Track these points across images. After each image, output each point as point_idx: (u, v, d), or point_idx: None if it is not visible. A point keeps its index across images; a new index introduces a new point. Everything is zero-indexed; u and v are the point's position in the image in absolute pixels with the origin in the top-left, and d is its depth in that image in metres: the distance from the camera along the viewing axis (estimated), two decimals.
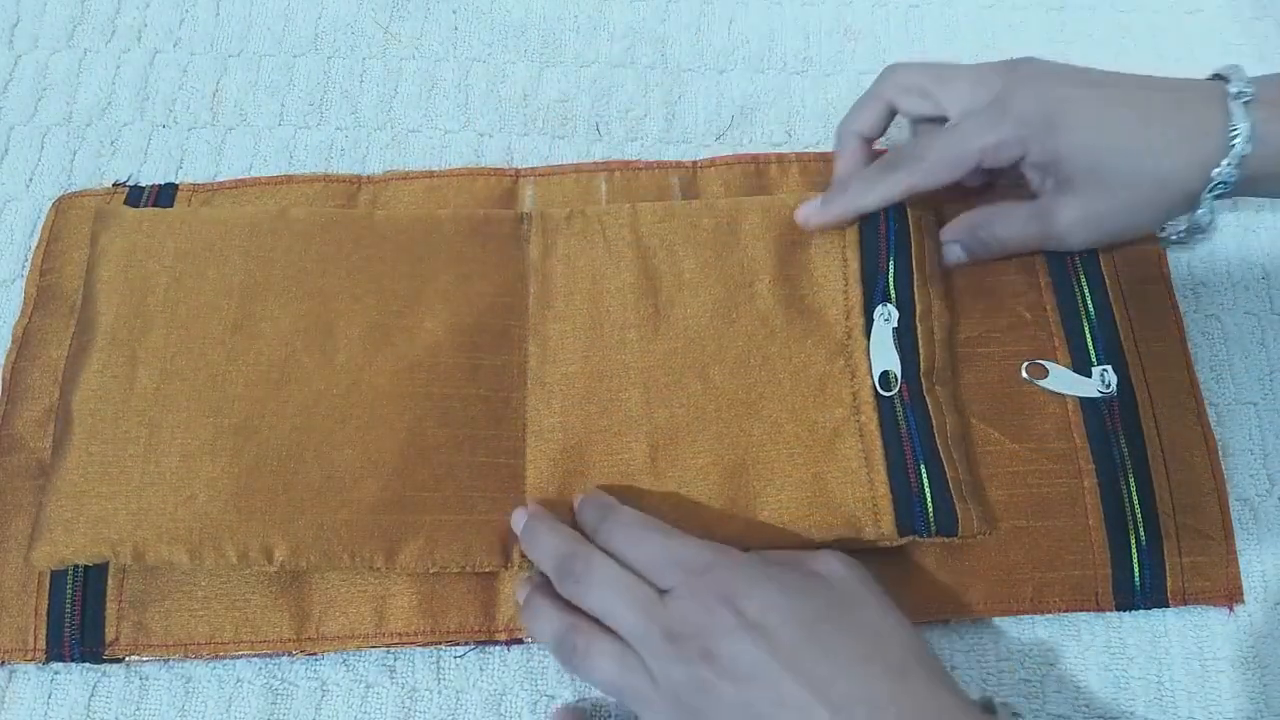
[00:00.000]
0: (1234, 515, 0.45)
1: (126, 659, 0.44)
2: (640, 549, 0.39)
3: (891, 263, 0.46)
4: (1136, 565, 0.44)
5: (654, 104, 0.56)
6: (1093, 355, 0.47)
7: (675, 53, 0.58)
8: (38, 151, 0.55)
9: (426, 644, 0.44)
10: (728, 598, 0.36)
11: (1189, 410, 0.47)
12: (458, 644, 0.44)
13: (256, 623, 0.44)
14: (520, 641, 0.44)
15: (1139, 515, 0.45)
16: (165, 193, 0.53)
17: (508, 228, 0.49)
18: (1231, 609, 0.45)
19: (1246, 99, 0.42)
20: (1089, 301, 0.48)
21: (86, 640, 0.44)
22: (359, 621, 0.44)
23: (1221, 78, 0.44)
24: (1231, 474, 0.46)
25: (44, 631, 0.44)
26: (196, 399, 0.44)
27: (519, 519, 0.43)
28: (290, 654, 0.44)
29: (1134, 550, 0.44)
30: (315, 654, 0.44)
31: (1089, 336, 0.48)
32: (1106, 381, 0.46)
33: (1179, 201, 0.44)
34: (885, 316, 0.45)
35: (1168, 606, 0.44)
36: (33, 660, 0.44)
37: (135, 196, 0.52)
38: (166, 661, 0.44)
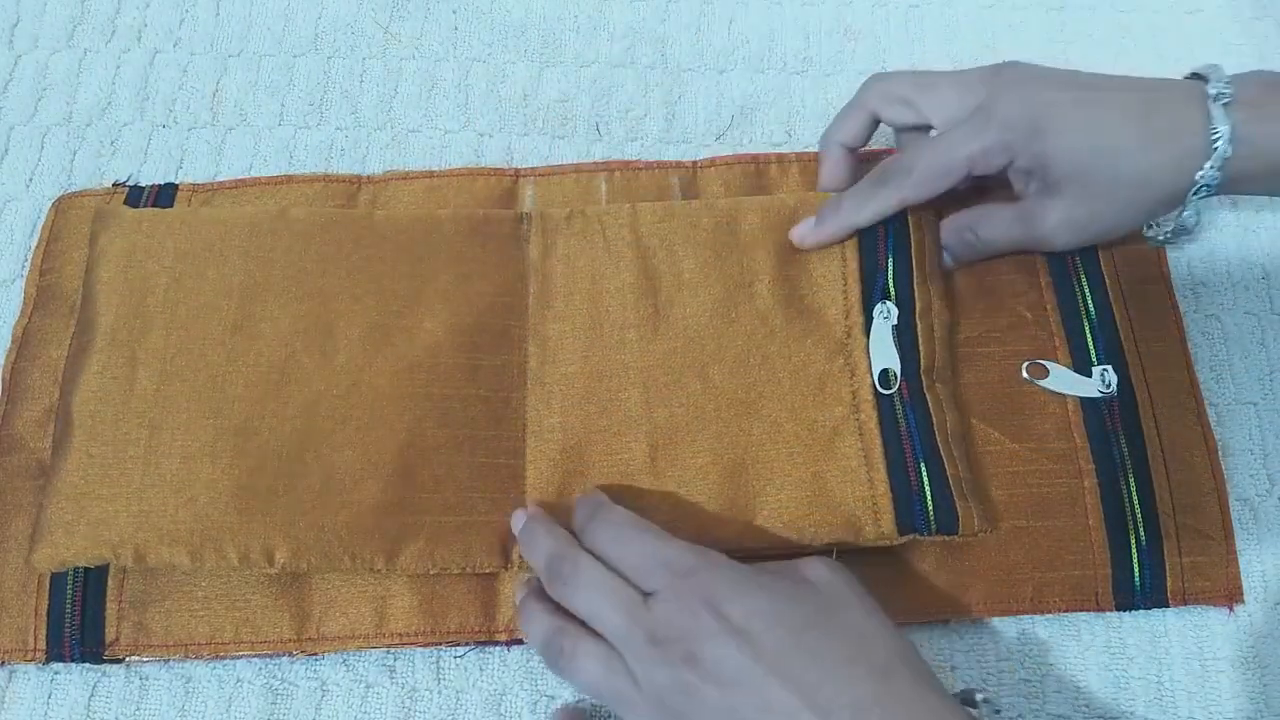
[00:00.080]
0: (1234, 515, 0.45)
1: (126, 659, 0.44)
2: (626, 550, 0.39)
3: (890, 260, 0.46)
4: (1136, 565, 0.44)
5: (654, 104, 0.56)
6: (1093, 355, 0.47)
7: (675, 53, 0.58)
8: (38, 151, 0.55)
9: (427, 644, 0.44)
10: (712, 602, 0.36)
11: (1189, 410, 0.47)
12: (458, 644, 0.44)
13: (257, 623, 0.44)
14: (520, 642, 0.44)
15: (1139, 515, 0.45)
16: (165, 193, 0.53)
17: (508, 228, 0.49)
18: (1231, 609, 0.45)
19: (1226, 100, 0.42)
20: (1089, 301, 0.48)
21: (86, 640, 0.44)
22: (359, 622, 0.44)
23: (1200, 77, 0.44)
24: (1231, 474, 0.46)
25: (44, 632, 0.44)
26: (196, 400, 0.44)
27: (518, 520, 0.43)
28: (290, 654, 0.44)
29: (1134, 550, 0.44)
30: (315, 654, 0.44)
31: (1089, 336, 0.48)
32: (1107, 381, 0.46)
33: (1162, 202, 0.44)
34: (884, 314, 0.45)
35: (1168, 606, 0.44)
36: (33, 660, 0.44)
37: (135, 196, 0.52)
38: (166, 661, 0.44)
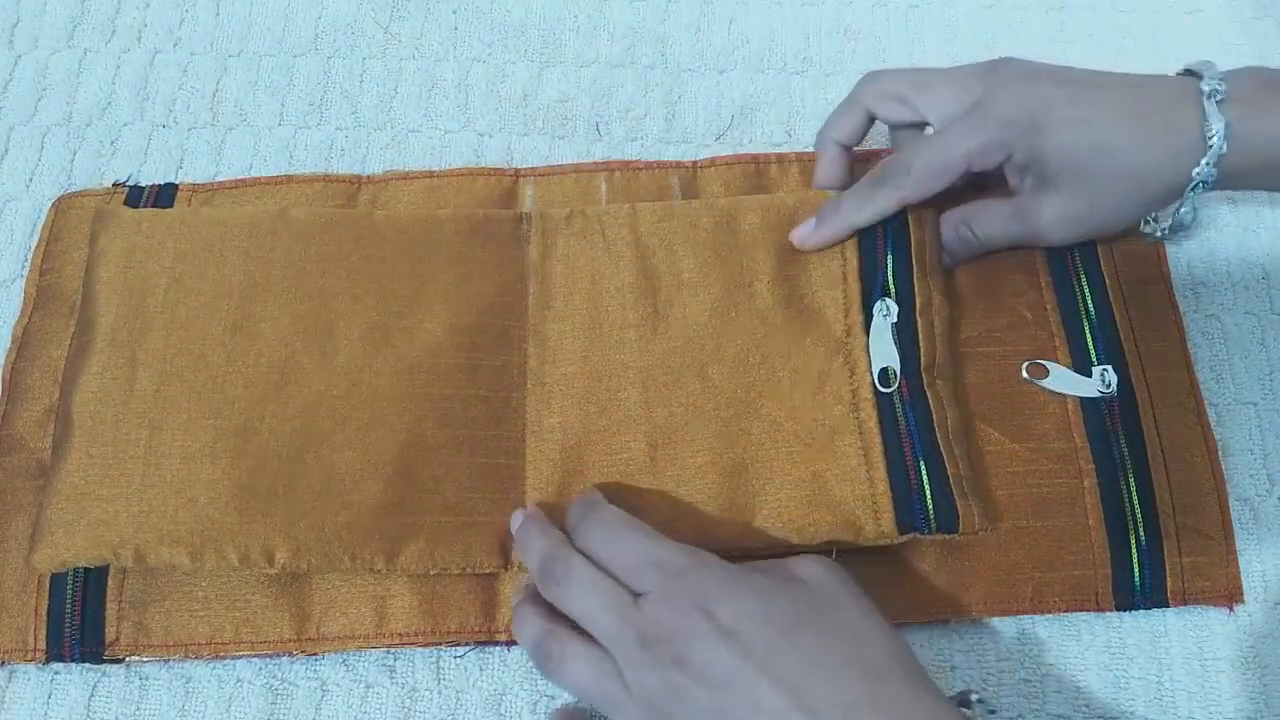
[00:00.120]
0: (1234, 515, 0.45)
1: (127, 659, 0.44)
2: (617, 550, 0.39)
3: (890, 258, 0.46)
4: (1136, 565, 0.44)
5: (654, 104, 0.56)
6: (1093, 355, 0.47)
7: (675, 53, 0.58)
8: (38, 151, 0.55)
9: (427, 644, 0.44)
10: (702, 602, 0.36)
11: (1189, 410, 0.47)
12: (458, 644, 0.44)
13: (257, 623, 0.44)
14: None
15: (1139, 515, 0.45)
16: (165, 193, 0.53)
17: (507, 228, 0.49)
18: (1231, 609, 0.45)
19: (1220, 97, 0.42)
20: (1089, 301, 0.48)
21: (87, 640, 0.44)
22: (359, 622, 0.44)
23: (1193, 73, 0.44)
24: (1231, 474, 0.46)
25: (44, 632, 0.44)
26: (196, 401, 0.44)
27: (517, 520, 0.43)
28: (290, 654, 0.44)
29: (1134, 550, 0.44)
30: (315, 654, 0.44)
31: (1089, 336, 0.48)
32: (1107, 381, 0.46)
33: (1159, 198, 0.45)
34: (884, 312, 0.45)
35: (1168, 606, 0.44)
36: (33, 660, 0.44)
37: (135, 196, 0.52)
38: (166, 661, 0.44)
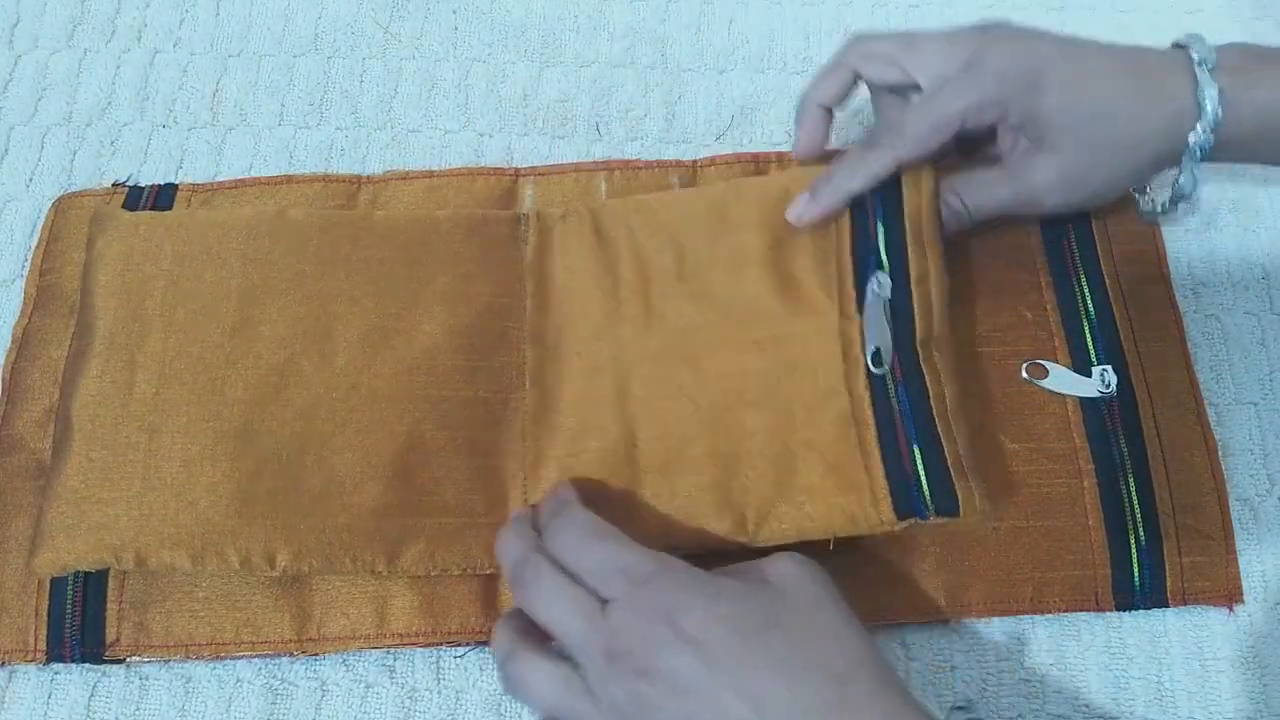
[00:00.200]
0: (1234, 515, 0.45)
1: (127, 660, 0.44)
2: (584, 556, 0.38)
3: (881, 227, 0.44)
4: (1136, 565, 0.44)
5: (654, 104, 0.56)
6: (1093, 355, 0.47)
7: (675, 53, 0.58)
8: (38, 151, 0.55)
9: (427, 645, 0.44)
10: (667, 611, 0.35)
11: (1189, 410, 0.47)
12: (458, 644, 0.44)
13: (257, 624, 0.44)
14: None
15: (1139, 515, 0.45)
16: (165, 193, 0.53)
17: (505, 228, 0.49)
18: (1231, 609, 0.45)
19: (1210, 65, 0.42)
20: (1089, 301, 0.48)
21: (87, 641, 0.44)
22: (360, 622, 0.44)
23: (1181, 46, 0.44)
24: (1231, 474, 0.46)
25: (44, 632, 0.44)
26: (196, 403, 0.44)
27: None
28: (291, 655, 0.44)
29: (1134, 550, 0.44)
30: (316, 655, 0.44)
31: (1089, 336, 0.48)
32: (1106, 381, 0.46)
33: (1154, 163, 0.44)
34: (876, 288, 0.44)
35: (1168, 606, 0.44)
36: (33, 661, 0.44)
37: (135, 196, 0.52)
38: (166, 662, 0.44)
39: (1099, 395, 0.46)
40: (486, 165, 0.54)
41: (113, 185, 0.53)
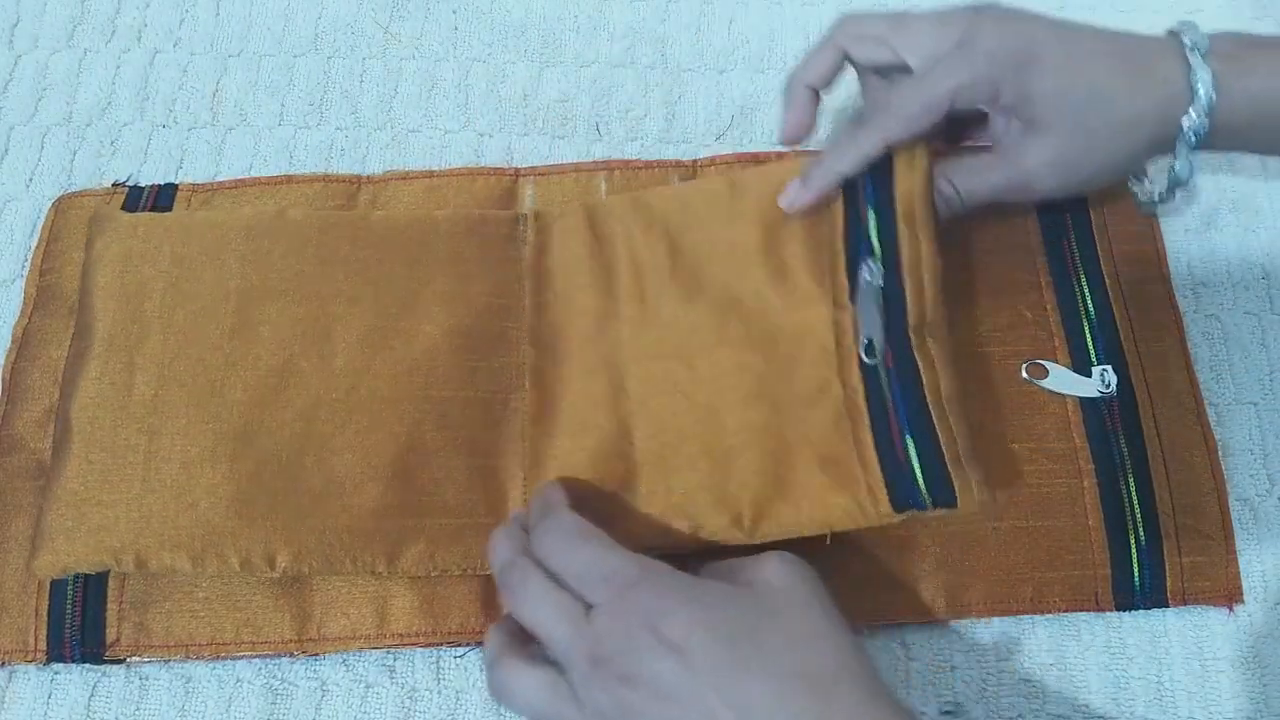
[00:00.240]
0: (1234, 515, 0.45)
1: (127, 660, 0.44)
2: (569, 560, 0.38)
3: (872, 213, 0.43)
4: (1136, 565, 0.44)
5: (654, 104, 0.56)
6: (1093, 355, 0.47)
7: (675, 53, 0.58)
8: (38, 151, 0.55)
9: (428, 645, 0.44)
10: (650, 617, 0.35)
11: (1189, 410, 0.47)
12: (458, 644, 0.44)
13: (258, 624, 0.44)
14: None
15: (1139, 515, 0.45)
16: (165, 193, 0.52)
17: (504, 229, 0.49)
18: (1231, 609, 0.45)
19: (1203, 50, 0.42)
20: (1089, 301, 0.48)
21: (87, 641, 0.44)
22: (360, 622, 0.44)
23: (1174, 33, 0.43)
24: (1231, 474, 0.46)
25: (44, 632, 0.44)
26: (195, 405, 0.44)
27: None
28: (291, 655, 0.44)
29: (1134, 550, 0.44)
30: (316, 655, 0.44)
31: (1089, 336, 0.48)
32: (1106, 381, 0.46)
33: (1149, 148, 0.43)
34: (868, 276, 0.42)
35: (1168, 606, 0.44)
36: (33, 661, 0.44)
37: (135, 196, 0.52)
38: (166, 662, 0.44)
39: (1099, 395, 0.46)
40: (486, 165, 0.54)
41: (113, 185, 0.53)
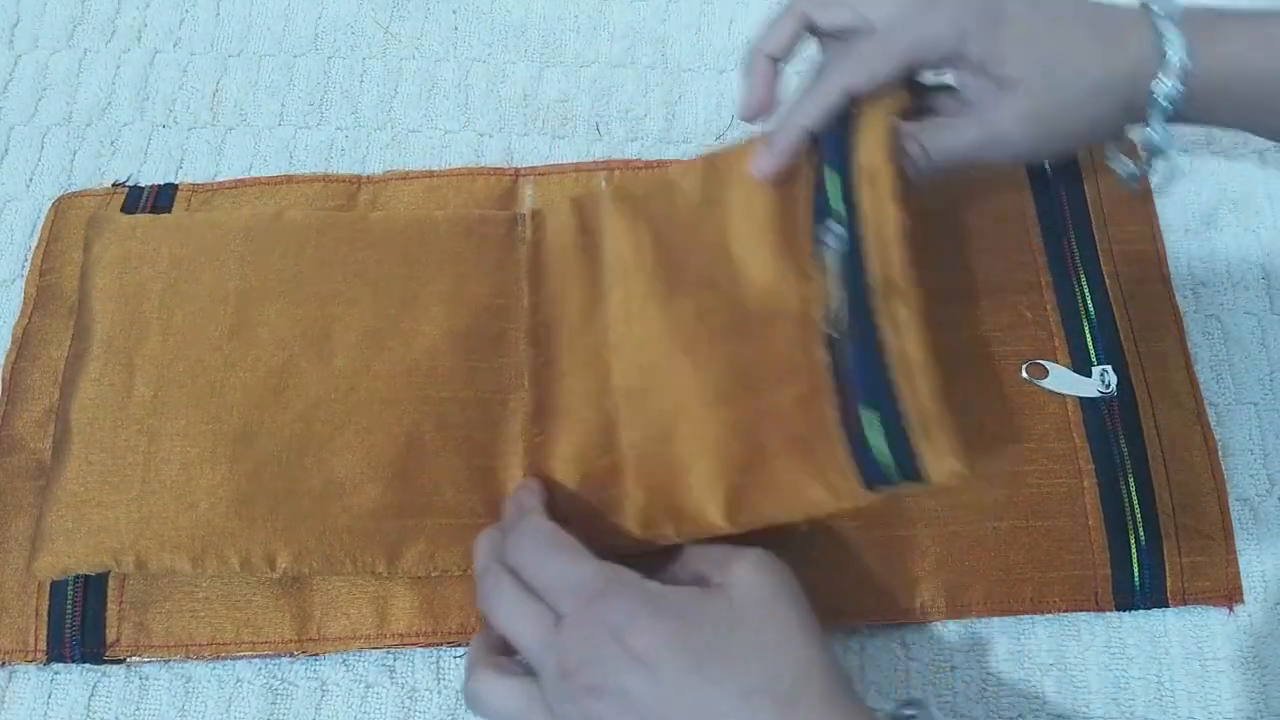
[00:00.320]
0: (1234, 515, 0.45)
1: (127, 660, 0.44)
2: (540, 569, 0.38)
3: (834, 173, 0.41)
4: (1136, 565, 0.44)
5: (654, 104, 0.56)
6: (1093, 355, 0.47)
7: (675, 53, 0.58)
8: (38, 151, 0.55)
9: (428, 645, 0.44)
10: (615, 629, 0.35)
11: (1189, 410, 0.47)
12: (459, 645, 0.44)
13: (258, 624, 0.44)
14: None
15: (1139, 515, 0.45)
16: (165, 193, 0.52)
17: (503, 229, 0.49)
18: (1231, 609, 0.45)
19: (1175, 20, 0.41)
20: (1089, 301, 0.48)
21: (87, 641, 0.44)
22: (360, 623, 0.44)
23: (1145, 5, 0.42)
24: (1231, 474, 0.46)
25: (44, 633, 0.44)
26: (195, 406, 0.44)
27: None
28: (291, 655, 0.44)
29: (1134, 550, 0.44)
30: (316, 655, 0.44)
31: (1089, 336, 0.48)
32: (1106, 381, 0.46)
33: (1121, 113, 0.42)
34: (833, 242, 0.40)
35: (1168, 606, 0.44)
36: (33, 661, 0.44)
37: (135, 196, 0.52)
38: (166, 662, 0.44)
39: (1099, 395, 0.46)
40: (486, 165, 0.54)
41: (113, 185, 0.53)
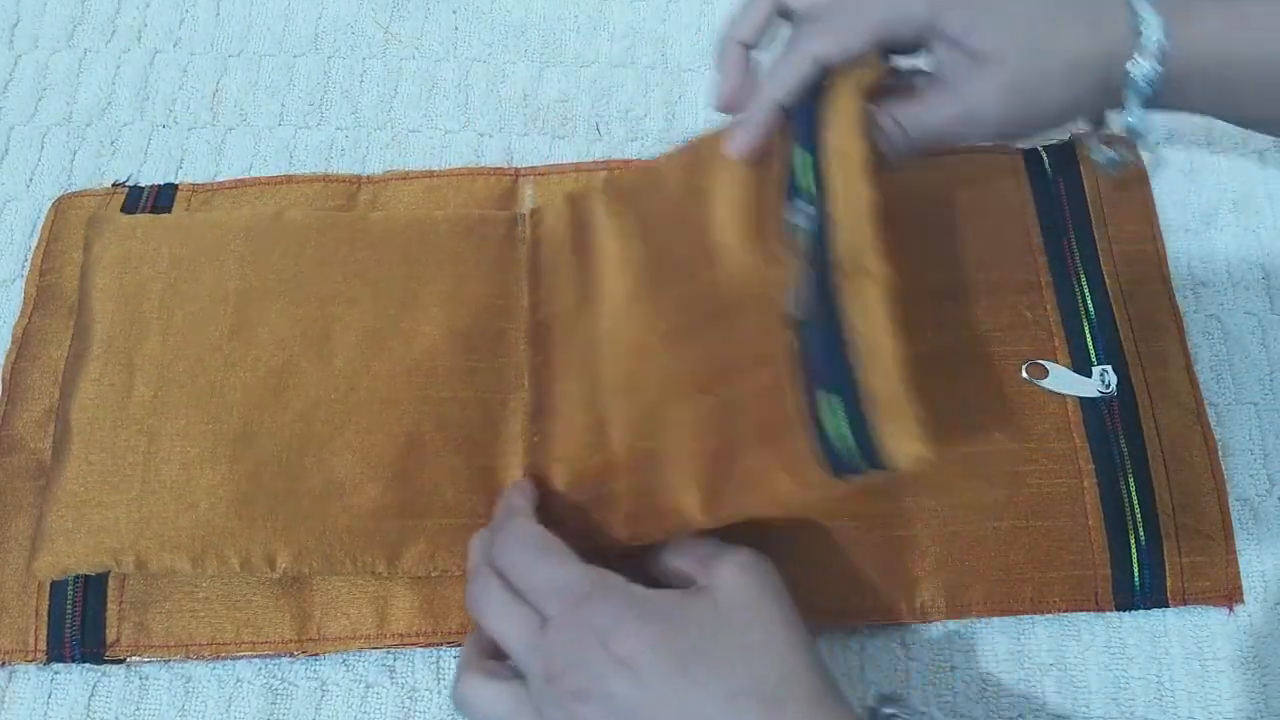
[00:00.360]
0: (1234, 515, 0.45)
1: (127, 660, 0.44)
2: (526, 572, 0.38)
3: (797, 148, 0.39)
4: (1136, 565, 0.44)
5: (654, 104, 0.56)
6: (1093, 355, 0.47)
7: (675, 53, 0.58)
8: (38, 151, 0.55)
9: (428, 645, 0.44)
10: (600, 633, 0.35)
11: (1189, 410, 0.47)
12: (459, 645, 0.44)
13: (258, 624, 0.44)
14: None
15: (1139, 515, 0.45)
16: (165, 193, 0.52)
17: (503, 229, 0.49)
18: (1231, 609, 0.45)
19: (1153, 1, 0.40)
20: (1089, 301, 0.48)
21: (87, 641, 0.44)
22: (360, 623, 0.44)
23: None
24: (1231, 474, 0.46)
25: (44, 632, 0.44)
26: (195, 406, 0.44)
27: None
28: (291, 655, 0.44)
29: (1134, 550, 0.44)
30: (316, 655, 0.44)
31: (1089, 336, 0.48)
32: (1106, 381, 0.46)
33: (1096, 93, 0.41)
34: (801, 221, 0.38)
35: (1168, 606, 0.44)
36: (33, 661, 0.44)
37: (135, 196, 0.52)
38: (166, 662, 0.44)
39: (1099, 395, 0.46)
40: (486, 165, 0.54)
41: (113, 185, 0.53)
